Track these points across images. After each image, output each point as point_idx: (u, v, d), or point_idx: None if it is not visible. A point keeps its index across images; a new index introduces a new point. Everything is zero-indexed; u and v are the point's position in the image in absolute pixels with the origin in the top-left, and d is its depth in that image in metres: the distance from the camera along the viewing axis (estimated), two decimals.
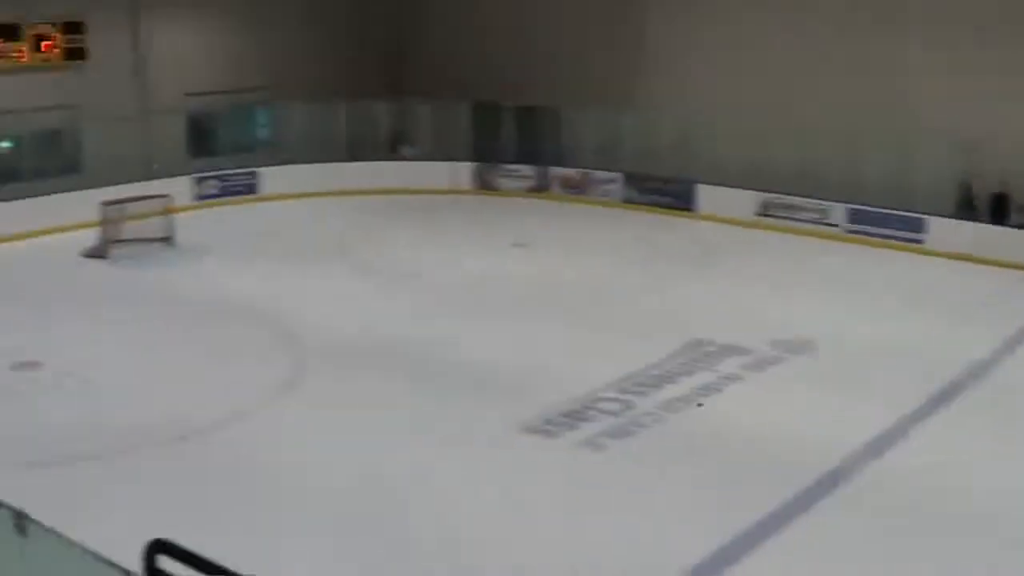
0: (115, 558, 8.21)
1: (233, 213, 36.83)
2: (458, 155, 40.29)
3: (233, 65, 40.25)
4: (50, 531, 8.64)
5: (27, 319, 25.58)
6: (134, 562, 8.30)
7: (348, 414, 19.85)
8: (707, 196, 35.73)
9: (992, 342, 23.90)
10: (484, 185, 40.04)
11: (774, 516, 16.02)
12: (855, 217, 33.04)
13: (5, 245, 31.86)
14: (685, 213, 35.97)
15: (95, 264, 30.41)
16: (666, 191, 36.76)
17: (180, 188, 35.47)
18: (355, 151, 40.53)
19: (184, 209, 34.21)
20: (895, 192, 32.40)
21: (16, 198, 33.39)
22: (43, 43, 35.37)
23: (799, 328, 24.45)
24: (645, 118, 37.03)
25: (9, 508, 8.77)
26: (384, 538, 15.24)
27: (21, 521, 8.67)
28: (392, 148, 41.54)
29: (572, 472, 17.69)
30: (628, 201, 37.42)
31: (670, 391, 20.71)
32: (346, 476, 17.27)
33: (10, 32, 34.67)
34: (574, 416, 19.47)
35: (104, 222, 31.15)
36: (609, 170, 37.98)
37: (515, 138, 40.29)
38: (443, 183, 39.82)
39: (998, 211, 31.14)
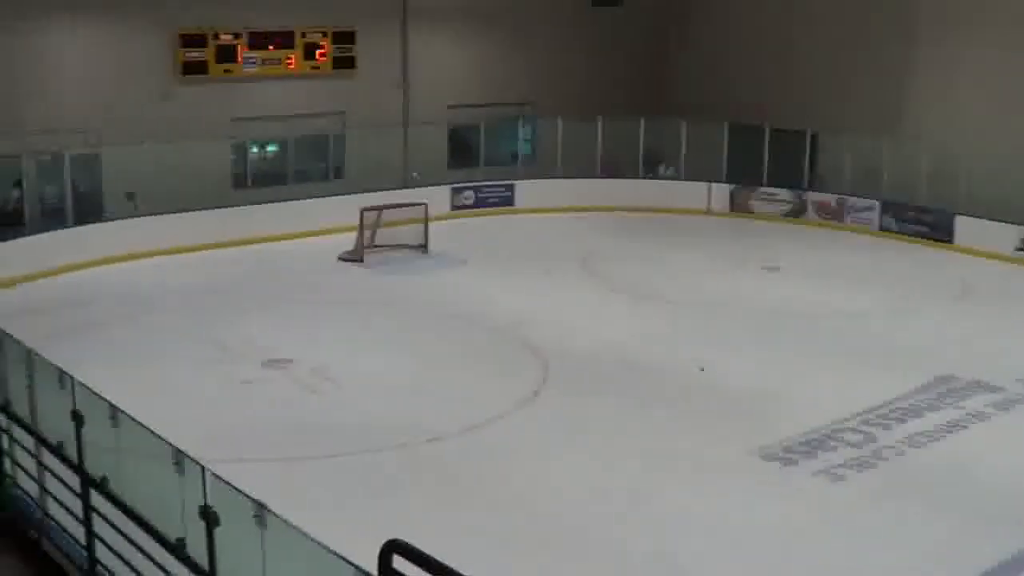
0: (348, 556, 8.43)
1: (487, 224, 37.39)
2: (714, 176, 40.12)
3: (495, 79, 40.86)
4: (289, 525, 8.89)
5: (282, 318, 26.46)
6: (366, 561, 8.50)
7: (584, 430, 19.96)
8: (966, 228, 34.77)
9: None
10: (739, 207, 39.78)
11: (1010, 563, 15.57)
12: None
13: (266, 246, 32.99)
14: (943, 245, 35.09)
15: (351, 267, 31.22)
16: (924, 221, 35.97)
17: (437, 197, 36.15)
18: (611, 168, 40.69)
19: (440, 218, 34.84)
20: None
21: (279, 200, 34.51)
22: (317, 52, 36.47)
23: None
24: (905, 146, 36.32)
25: (251, 500, 9.06)
26: (609, 557, 15.27)
27: (262, 513, 8.94)
28: (648, 167, 41.57)
29: (808, 501, 17.44)
30: (885, 230, 36.70)
31: (914, 426, 20.19)
32: (577, 492, 17.34)
33: (284, 40, 35.84)
34: (814, 445, 19.18)
35: (362, 227, 31.92)
36: (867, 197, 37.37)
37: (772, 161, 39.87)
38: (697, 203, 39.69)
39: None
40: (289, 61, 36.11)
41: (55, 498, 10.91)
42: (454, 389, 21.87)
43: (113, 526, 9.82)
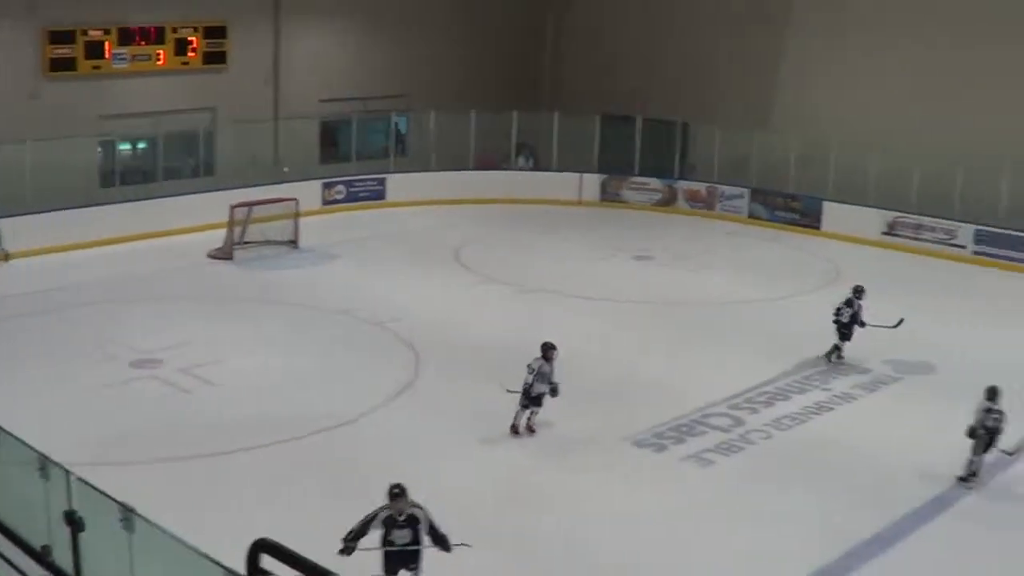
0: (218, 556, 8.40)
1: (359, 218, 37.19)
2: (586, 167, 40.37)
3: (368, 73, 40.67)
4: (156, 527, 8.82)
5: (151, 317, 26.08)
6: (236, 560, 8.46)
7: (457, 419, 20.09)
8: (833, 214, 35.51)
9: None
10: (610, 197, 40.08)
11: (878, 537, 16.00)
12: (982, 238, 32.72)
13: (134, 244, 32.42)
14: (811, 231, 35.73)
15: (220, 265, 30.94)
16: (793, 208, 36.57)
17: (309, 192, 35.96)
18: (485, 160, 40.76)
19: (311, 213, 34.68)
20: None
21: (148, 198, 34.05)
22: (188, 48, 36.00)
23: (918, 348, 24.22)
24: (774, 135, 36.86)
25: (117, 504, 8.97)
26: (491, 544, 15.30)
27: (128, 517, 8.87)
28: (510, 159, 41.71)
29: (678, 486, 17.72)
30: (754, 217, 37.28)
31: (781, 408, 20.71)
32: (451, 480, 17.32)
33: (154, 35, 35.34)
34: (684, 431, 19.50)
35: (232, 224, 31.68)
36: (736, 185, 37.86)
37: (644, 151, 40.21)
38: (570, 194, 39.97)
39: None
40: (159, 57, 35.62)
41: None
42: (326, 384, 21.83)
43: None
